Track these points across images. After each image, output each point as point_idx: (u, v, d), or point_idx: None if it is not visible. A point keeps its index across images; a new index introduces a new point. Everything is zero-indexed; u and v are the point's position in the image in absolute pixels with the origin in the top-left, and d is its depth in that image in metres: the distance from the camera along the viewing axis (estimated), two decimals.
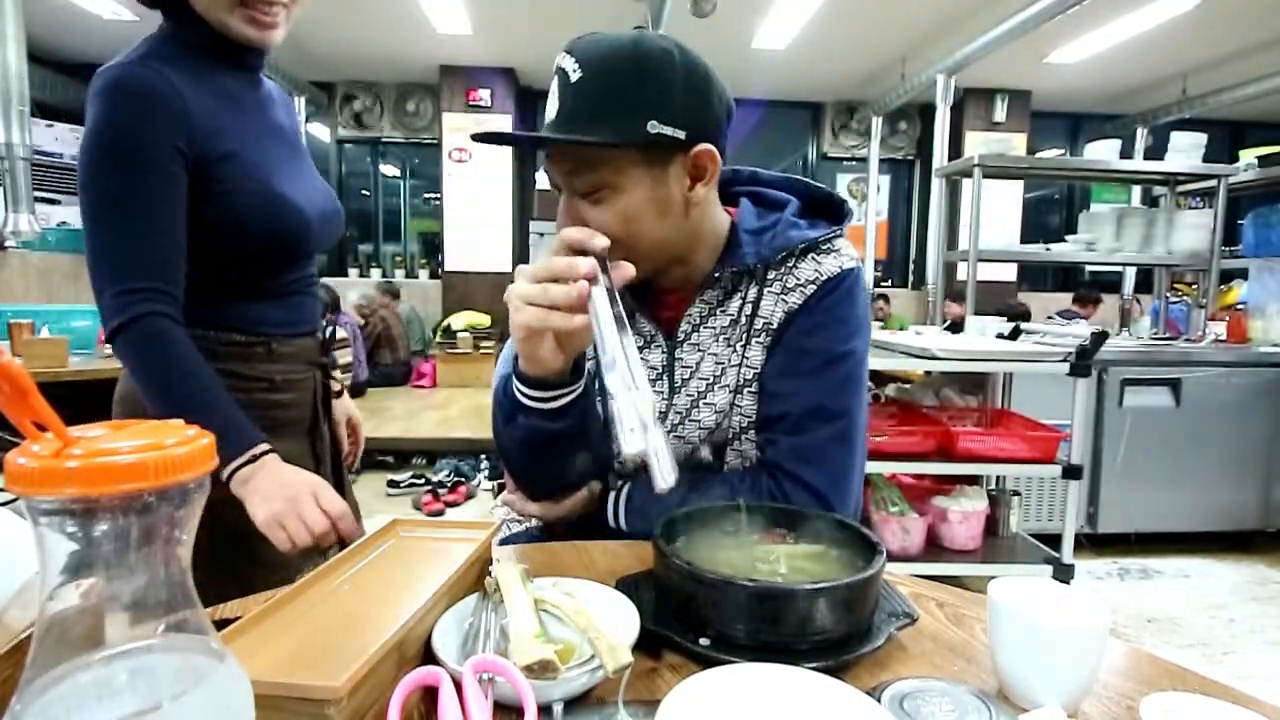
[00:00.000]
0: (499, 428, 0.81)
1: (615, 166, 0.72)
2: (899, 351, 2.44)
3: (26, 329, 2.60)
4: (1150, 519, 3.06)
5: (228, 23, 0.96)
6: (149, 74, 0.90)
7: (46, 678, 0.27)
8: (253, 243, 0.97)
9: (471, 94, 6.48)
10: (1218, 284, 3.54)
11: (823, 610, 0.55)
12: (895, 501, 2.35)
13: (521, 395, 0.75)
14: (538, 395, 0.74)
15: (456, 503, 3.57)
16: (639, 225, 0.75)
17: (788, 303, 0.82)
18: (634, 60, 0.71)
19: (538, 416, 0.75)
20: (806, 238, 0.82)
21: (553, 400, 0.74)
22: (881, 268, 7.45)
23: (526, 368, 0.73)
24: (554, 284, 0.65)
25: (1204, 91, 6.11)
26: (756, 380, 0.83)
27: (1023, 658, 0.51)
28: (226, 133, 0.95)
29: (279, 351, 1.04)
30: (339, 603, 0.55)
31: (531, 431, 0.76)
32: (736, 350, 0.84)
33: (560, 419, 0.75)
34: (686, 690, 0.44)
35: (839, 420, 0.80)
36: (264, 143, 1.01)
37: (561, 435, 0.76)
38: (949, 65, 5.22)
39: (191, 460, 0.28)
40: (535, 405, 0.74)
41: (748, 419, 0.84)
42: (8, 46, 3.38)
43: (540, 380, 0.73)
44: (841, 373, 0.81)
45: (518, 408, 0.76)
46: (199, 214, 0.93)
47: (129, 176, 0.89)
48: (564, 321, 0.65)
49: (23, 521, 0.49)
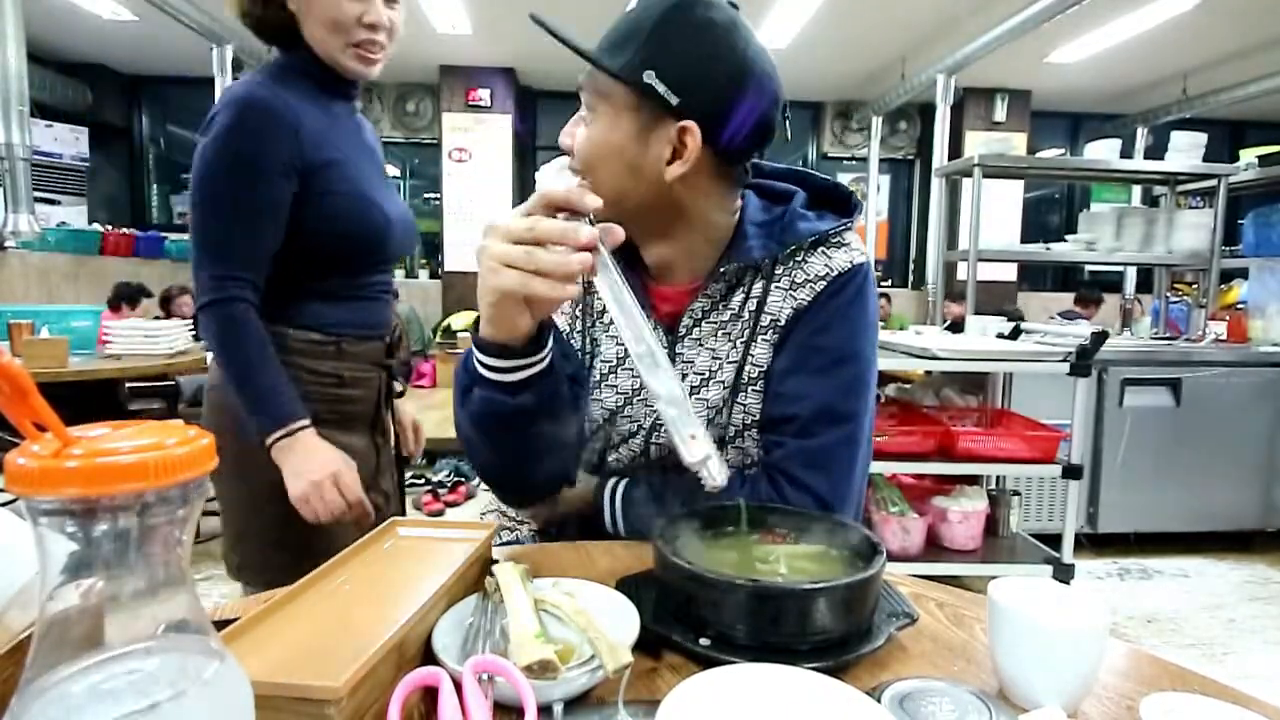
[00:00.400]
0: (457, 409, 0.76)
1: (612, 100, 0.73)
2: (899, 351, 2.44)
3: (26, 329, 2.60)
4: (1150, 519, 3.07)
5: (339, 59, 1.11)
6: (271, 97, 1.05)
7: (46, 678, 0.27)
8: (341, 242, 1.12)
9: (471, 94, 6.47)
10: (1218, 284, 3.54)
11: (823, 610, 0.55)
12: (895, 501, 2.35)
13: (480, 365, 0.69)
14: (497, 365, 0.68)
15: (456, 503, 3.57)
16: (603, 161, 0.74)
17: (797, 299, 0.79)
18: (667, 8, 0.70)
19: (495, 389, 0.69)
20: (816, 230, 0.79)
21: (513, 372, 0.68)
22: (881, 267, 7.44)
23: (489, 331, 0.66)
24: (539, 248, 0.60)
25: (1204, 91, 6.11)
26: (763, 378, 0.80)
27: (1023, 658, 0.51)
28: (330, 144, 1.10)
29: (349, 351, 1.17)
30: (339, 603, 0.55)
31: (487, 406, 0.70)
32: (738, 347, 0.80)
33: (519, 393, 0.69)
34: (686, 690, 0.44)
35: (847, 423, 0.78)
36: (359, 157, 1.16)
37: (520, 413, 0.70)
38: (949, 65, 5.22)
39: (191, 460, 0.28)
40: (493, 377, 0.68)
41: (752, 417, 0.81)
42: (8, 46, 3.38)
43: (501, 347, 0.67)
44: (851, 373, 0.79)
45: (475, 380, 0.70)
46: (300, 216, 1.08)
47: (243, 185, 1.04)
48: (551, 291, 0.60)
49: (23, 521, 0.49)
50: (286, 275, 1.10)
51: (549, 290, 0.60)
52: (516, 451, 0.74)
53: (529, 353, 0.68)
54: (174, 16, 4.54)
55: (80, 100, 6.24)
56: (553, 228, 0.60)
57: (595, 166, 0.74)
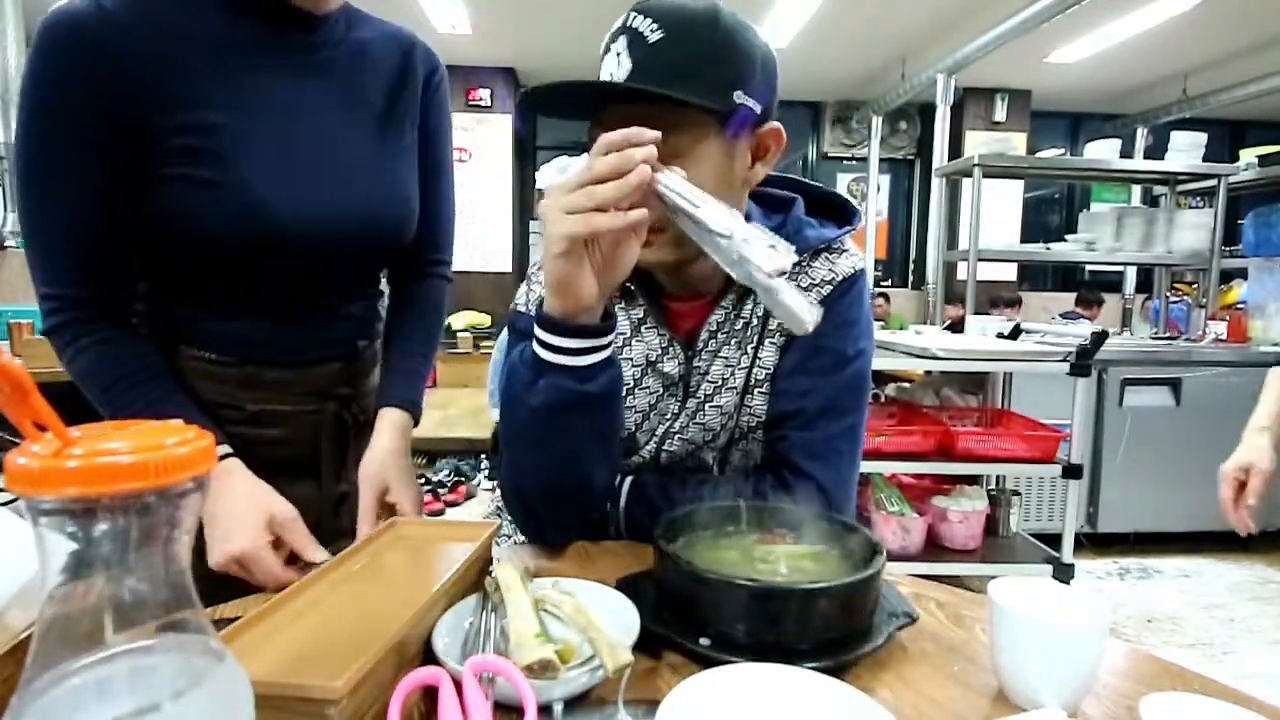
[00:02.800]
0: (513, 406, 0.70)
1: (693, 133, 0.69)
2: (899, 351, 2.44)
3: (26, 329, 2.60)
4: (1150, 519, 3.07)
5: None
6: (86, 12, 0.71)
7: (46, 678, 0.27)
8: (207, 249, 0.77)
9: (471, 94, 6.48)
10: (1218, 283, 3.54)
11: (823, 610, 0.55)
12: (895, 501, 2.35)
13: (549, 350, 0.66)
14: (570, 346, 0.65)
15: (456, 502, 3.57)
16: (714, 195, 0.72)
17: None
18: (719, 27, 0.69)
19: (565, 375, 0.66)
20: (824, 238, 0.82)
21: (585, 354, 0.66)
22: (881, 267, 7.44)
23: (556, 300, 0.64)
24: (599, 185, 0.58)
25: (1204, 91, 6.10)
26: (769, 380, 0.82)
27: (1023, 657, 0.51)
28: (204, 100, 0.74)
29: (266, 379, 0.84)
30: (339, 603, 0.55)
31: (556, 395, 0.66)
32: (747, 352, 0.82)
33: (591, 378, 0.67)
34: (686, 690, 0.44)
35: (848, 417, 0.81)
36: (282, 120, 0.78)
37: (592, 402, 0.67)
38: (949, 65, 5.22)
39: (191, 460, 0.28)
40: (564, 361, 0.66)
41: (757, 419, 0.83)
42: (8, 46, 3.38)
43: (575, 326, 0.64)
44: (854, 371, 0.82)
45: (540, 370, 0.66)
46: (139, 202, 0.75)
47: (41, 146, 0.73)
48: (614, 221, 0.58)
49: (22, 521, 0.49)
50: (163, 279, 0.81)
51: (612, 222, 0.59)
52: (580, 451, 0.71)
53: (601, 331, 0.66)
54: None
55: None
56: (606, 160, 0.59)
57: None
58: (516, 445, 0.74)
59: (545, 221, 0.61)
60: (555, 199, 0.61)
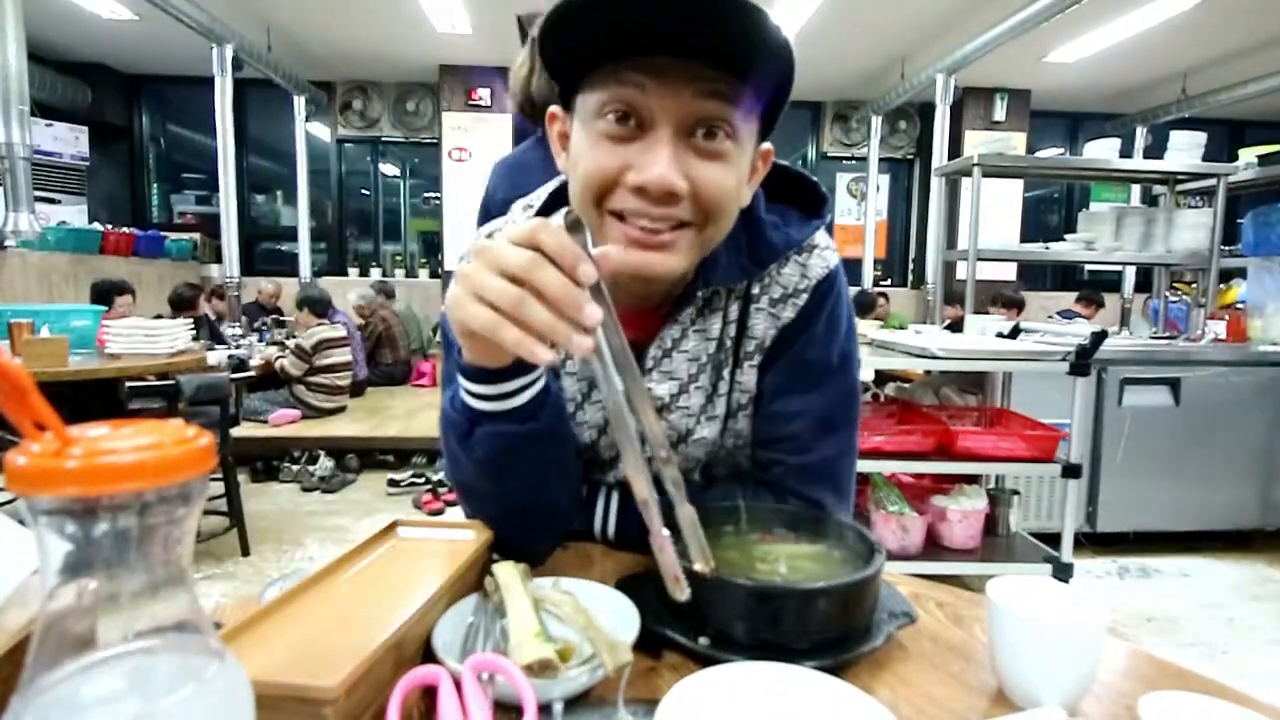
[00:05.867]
0: (456, 455, 0.66)
1: (749, 120, 0.59)
2: (899, 351, 2.44)
3: (26, 329, 2.60)
4: (1150, 518, 3.07)
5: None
6: None
7: (46, 678, 0.27)
8: None
9: (471, 93, 6.48)
10: (1217, 283, 3.54)
11: (822, 610, 0.55)
12: (895, 501, 2.35)
13: (477, 400, 0.61)
14: (497, 392, 0.60)
15: (456, 502, 3.56)
16: (731, 207, 0.61)
17: (780, 318, 0.74)
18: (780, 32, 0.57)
19: (501, 420, 0.61)
20: (792, 242, 0.72)
21: (512, 397, 0.61)
22: (881, 267, 7.45)
23: (472, 359, 0.58)
24: (531, 298, 0.45)
25: (1204, 91, 6.11)
26: (752, 403, 0.77)
27: (1022, 657, 0.51)
28: None
29: None
30: (338, 603, 0.55)
31: (497, 442, 0.62)
32: (725, 378, 0.75)
33: (531, 418, 0.62)
34: (686, 689, 0.44)
35: (843, 432, 0.77)
36: None
37: (532, 438, 0.63)
38: (949, 64, 5.23)
39: (191, 460, 0.28)
40: (495, 408, 0.61)
41: (743, 439, 0.78)
42: (8, 46, 3.38)
43: (494, 371, 0.59)
44: (843, 380, 0.77)
45: (474, 419, 0.62)
46: None
47: None
48: (524, 347, 0.46)
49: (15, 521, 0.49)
50: None
51: (521, 348, 0.46)
52: (538, 482, 0.67)
53: (526, 370, 0.60)
54: (174, 16, 4.54)
55: (80, 99, 6.24)
56: (556, 287, 0.45)
57: (720, 214, 0.61)
58: (469, 497, 0.71)
59: (457, 285, 0.50)
60: (480, 270, 0.47)
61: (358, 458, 4.08)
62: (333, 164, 7.19)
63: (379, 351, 5.63)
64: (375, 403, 4.98)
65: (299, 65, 6.19)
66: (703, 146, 0.58)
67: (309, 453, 3.98)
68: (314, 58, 6.27)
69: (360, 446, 4.13)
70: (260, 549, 2.99)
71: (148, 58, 6.33)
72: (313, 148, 6.77)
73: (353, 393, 4.80)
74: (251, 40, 5.35)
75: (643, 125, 0.58)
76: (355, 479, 3.99)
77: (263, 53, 5.56)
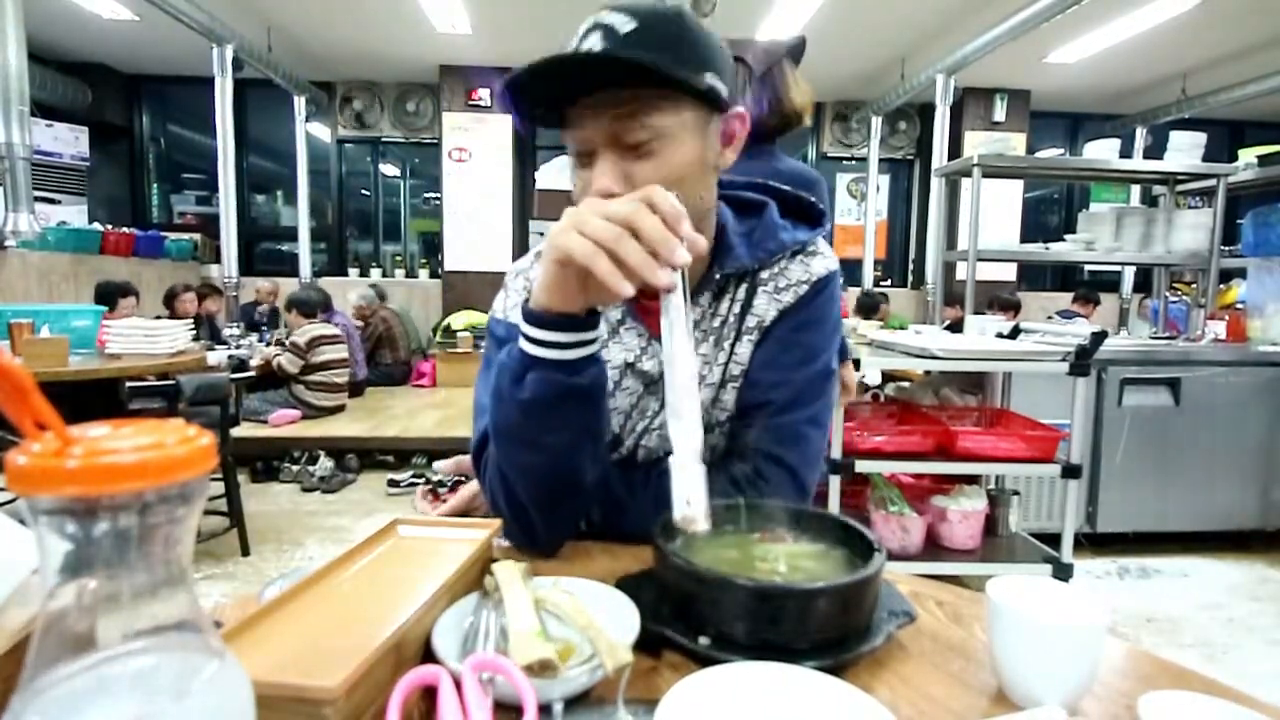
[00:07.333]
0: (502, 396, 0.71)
1: (674, 115, 0.70)
2: (899, 351, 2.44)
3: (26, 329, 2.60)
4: (1150, 518, 3.07)
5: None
6: None
7: (46, 678, 0.27)
8: None
9: (472, 94, 6.48)
10: (1217, 283, 3.54)
11: (822, 610, 0.55)
12: (895, 501, 2.35)
13: (536, 345, 0.67)
14: (557, 340, 0.66)
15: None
16: (686, 185, 0.71)
17: (781, 301, 0.84)
18: (686, 20, 0.72)
19: (554, 369, 0.67)
20: (798, 240, 0.86)
21: (567, 349, 0.67)
22: (881, 267, 7.45)
23: (543, 298, 0.65)
24: (628, 236, 0.57)
25: (1203, 91, 6.11)
26: (743, 375, 0.85)
27: (1022, 657, 0.51)
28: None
29: None
30: (339, 602, 0.55)
31: (544, 388, 0.67)
32: (725, 349, 0.85)
33: (579, 371, 0.68)
34: (686, 689, 0.44)
35: (813, 405, 0.84)
36: None
37: (580, 394, 0.68)
38: (949, 65, 5.23)
39: (192, 460, 0.28)
40: (552, 355, 0.67)
41: (728, 412, 0.85)
42: (8, 46, 3.38)
43: (561, 316, 0.65)
44: (821, 365, 0.85)
45: (528, 365, 0.68)
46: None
47: None
48: (612, 280, 0.56)
49: (13, 520, 0.49)
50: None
51: (610, 278, 0.57)
52: (571, 446, 0.72)
53: (587, 325, 0.67)
54: (174, 16, 4.54)
55: (80, 100, 6.25)
56: (656, 229, 0.57)
57: (687, 186, 0.71)
58: (506, 444, 0.74)
59: (562, 222, 0.61)
60: (581, 212, 0.60)
61: (358, 458, 4.08)
62: (333, 164, 7.20)
63: (378, 352, 5.63)
64: (375, 403, 4.99)
65: (299, 65, 6.20)
66: (634, 151, 0.71)
67: (309, 453, 3.98)
68: (314, 58, 6.27)
69: (360, 446, 4.13)
70: (260, 549, 2.99)
71: (148, 58, 6.34)
72: (313, 148, 6.77)
73: (353, 393, 4.80)
74: (252, 40, 5.35)
75: (593, 152, 0.72)
76: (355, 479, 3.99)
77: (263, 53, 5.57)
